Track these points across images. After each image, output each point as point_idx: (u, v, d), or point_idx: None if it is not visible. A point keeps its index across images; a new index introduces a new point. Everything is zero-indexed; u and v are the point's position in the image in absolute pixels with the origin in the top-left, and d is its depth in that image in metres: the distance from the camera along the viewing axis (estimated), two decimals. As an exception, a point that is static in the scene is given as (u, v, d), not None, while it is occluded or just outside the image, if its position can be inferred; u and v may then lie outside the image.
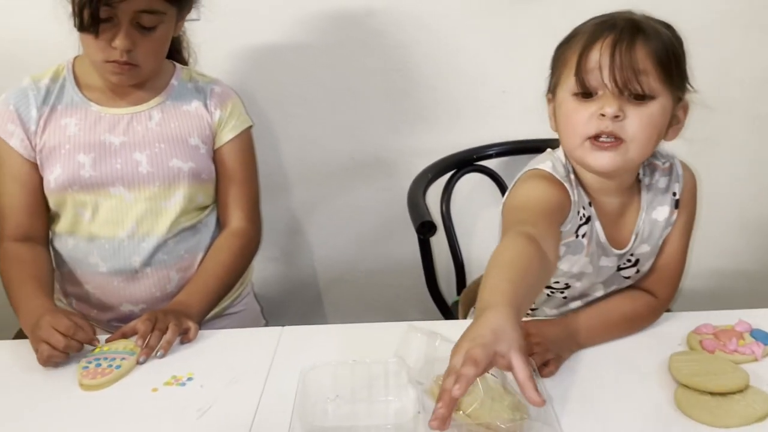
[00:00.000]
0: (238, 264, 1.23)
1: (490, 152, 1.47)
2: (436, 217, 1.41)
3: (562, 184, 0.95)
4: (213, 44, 1.52)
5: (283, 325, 1.07)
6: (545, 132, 1.04)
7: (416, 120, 1.65)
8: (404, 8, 1.54)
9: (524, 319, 0.98)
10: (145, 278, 1.18)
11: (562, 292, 1.06)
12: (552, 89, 0.99)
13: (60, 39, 1.18)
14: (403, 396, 0.86)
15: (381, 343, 0.91)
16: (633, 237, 1.01)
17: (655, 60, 0.88)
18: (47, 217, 1.19)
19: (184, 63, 1.30)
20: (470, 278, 1.50)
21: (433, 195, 1.47)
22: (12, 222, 1.16)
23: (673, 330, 1.01)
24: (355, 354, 0.94)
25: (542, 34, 1.04)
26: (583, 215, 0.98)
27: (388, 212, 1.71)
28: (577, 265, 1.00)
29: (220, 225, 1.27)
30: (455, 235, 1.48)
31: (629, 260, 1.03)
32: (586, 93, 0.90)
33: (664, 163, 1.03)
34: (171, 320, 1.01)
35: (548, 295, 1.08)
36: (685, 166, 1.05)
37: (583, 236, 0.98)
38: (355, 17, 1.56)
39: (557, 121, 0.97)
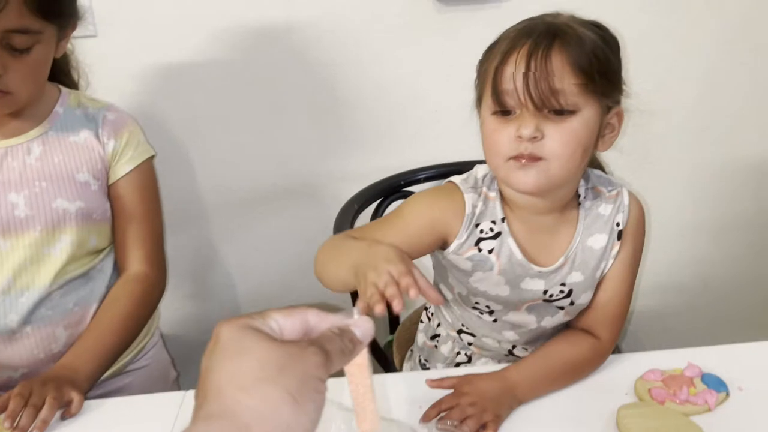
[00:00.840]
0: (138, 314, 1.08)
1: (420, 177, 1.37)
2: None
3: (461, 198, 0.91)
4: (113, 63, 1.37)
5: (189, 390, 0.93)
6: (480, 153, 0.94)
7: (344, 142, 1.54)
8: (328, 25, 1.43)
9: (458, 373, 0.89)
10: (25, 339, 1.02)
11: (491, 314, 0.98)
12: (478, 101, 0.92)
13: None
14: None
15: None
16: (562, 259, 0.93)
17: (575, 69, 0.81)
18: None
19: (74, 86, 1.15)
20: (404, 314, 1.39)
21: (363, 223, 1.35)
22: None
23: (620, 376, 0.92)
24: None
25: (476, 49, 0.94)
26: (491, 229, 0.92)
27: (317, 241, 1.57)
28: (488, 283, 0.94)
29: (118, 270, 1.12)
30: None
31: (561, 291, 0.95)
32: (504, 111, 0.84)
33: (610, 191, 0.96)
34: (49, 392, 0.86)
35: (477, 317, 1.00)
36: (632, 197, 0.97)
37: (490, 252, 0.92)
38: (275, 32, 1.44)
39: (481, 138, 0.90)
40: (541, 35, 0.82)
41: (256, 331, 0.45)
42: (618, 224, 0.94)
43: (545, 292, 0.95)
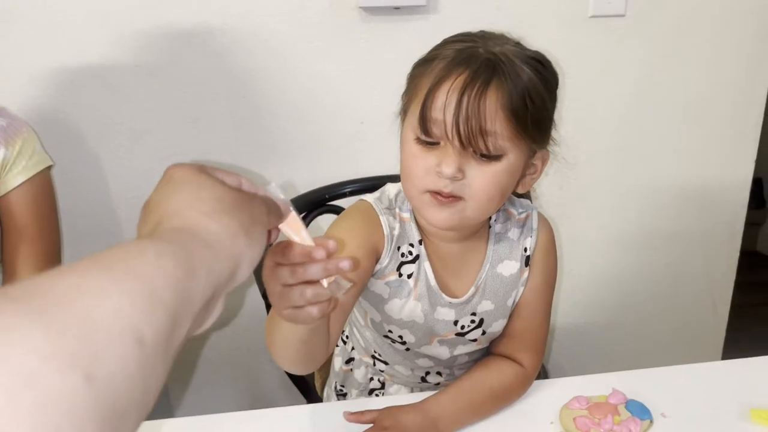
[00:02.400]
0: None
1: (344, 191, 1.31)
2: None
3: (377, 220, 0.87)
4: (7, 64, 1.26)
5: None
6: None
7: (267, 154, 1.46)
8: (249, 29, 1.36)
9: (375, 406, 0.84)
10: None
11: (402, 343, 0.94)
12: (403, 112, 0.86)
13: None
14: None
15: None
16: (473, 289, 0.90)
17: (509, 114, 0.76)
18: None
19: (-39, 88, 1.04)
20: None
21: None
22: None
23: (544, 404, 0.90)
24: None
25: (401, 60, 0.90)
26: (410, 252, 0.88)
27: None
28: (405, 310, 0.90)
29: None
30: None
31: (472, 320, 0.92)
32: (430, 142, 0.78)
33: (520, 213, 0.94)
34: None
35: (389, 345, 0.96)
36: (542, 219, 0.94)
37: (409, 276, 0.89)
38: (192, 35, 1.35)
39: (400, 155, 0.84)
40: (480, 67, 0.76)
41: (210, 175, 0.48)
42: (526, 249, 0.92)
43: (456, 322, 0.92)
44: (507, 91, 0.75)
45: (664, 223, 1.66)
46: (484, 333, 0.94)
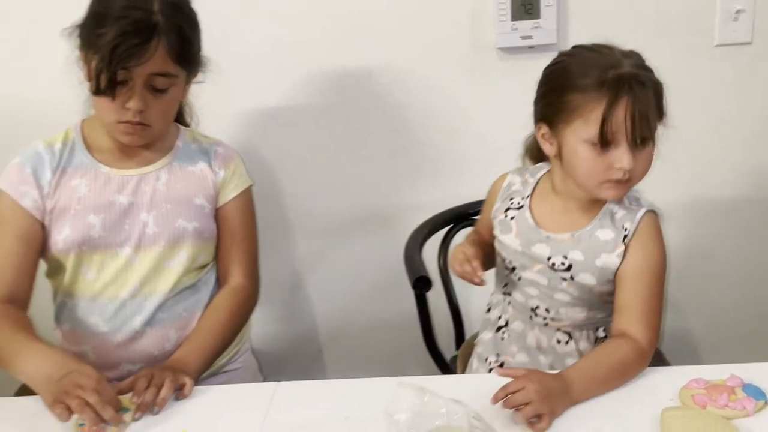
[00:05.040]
0: (235, 321, 1.24)
1: (484, 207, 1.50)
2: (434, 271, 1.43)
3: (505, 177, 1.25)
4: (216, 107, 1.58)
5: (281, 381, 1.08)
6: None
7: (415, 176, 1.69)
8: (404, 71, 1.60)
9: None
10: (145, 338, 1.20)
11: (512, 271, 1.20)
12: (547, 121, 1.10)
13: (65, 103, 1.23)
14: (392, 453, 0.86)
15: (374, 399, 0.91)
16: (569, 235, 1.13)
17: (656, 108, 1.04)
18: (33, 281, 1.19)
19: (186, 125, 1.35)
20: (469, 332, 1.51)
21: (431, 249, 1.49)
22: (0, 281, 1.14)
23: (665, 385, 1.01)
24: (349, 410, 0.95)
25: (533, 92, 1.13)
26: (518, 204, 1.19)
27: (387, 267, 1.73)
28: (509, 243, 1.18)
29: (219, 282, 1.30)
30: (453, 289, 1.49)
31: (563, 262, 1.12)
32: (605, 144, 1.03)
33: (631, 203, 1.13)
34: (167, 376, 1.03)
35: (507, 274, 1.21)
36: (650, 217, 1.11)
37: (512, 219, 1.18)
38: (356, 77, 1.62)
39: (566, 158, 1.08)
40: (636, 87, 1.01)
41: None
42: (625, 228, 1.10)
43: (549, 258, 1.13)
44: (653, 95, 1.03)
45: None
46: (572, 278, 1.12)
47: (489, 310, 1.30)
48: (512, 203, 1.20)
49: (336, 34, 1.59)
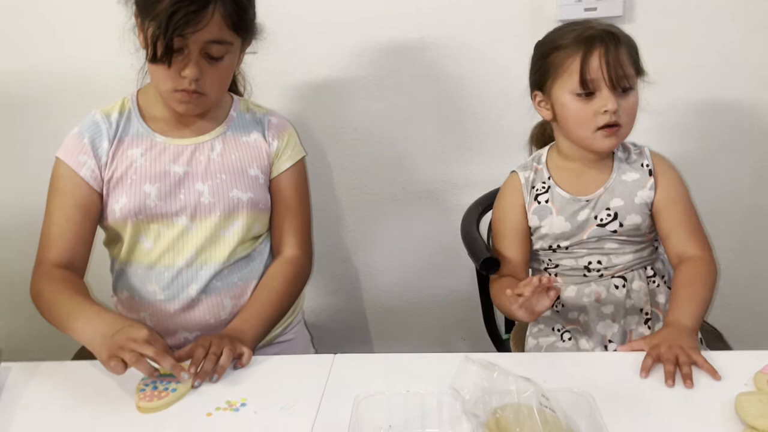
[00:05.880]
0: (290, 291, 1.24)
1: (541, 183, 1.46)
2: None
3: (516, 178, 1.26)
4: (268, 77, 1.57)
5: (333, 353, 1.07)
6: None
7: (467, 151, 1.65)
8: (458, 41, 1.56)
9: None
10: (201, 306, 1.20)
11: (554, 250, 1.24)
12: (539, 87, 1.20)
13: (122, 72, 1.23)
14: (457, 428, 0.84)
15: (433, 374, 0.90)
16: (602, 189, 1.20)
17: (631, 60, 1.14)
18: (90, 249, 1.21)
19: (240, 95, 1.34)
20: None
21: (482, 228, 1.46)
22: (59, 248, 1.15)
23: (739, 370, 0.97)
24: (407, 384, 0.93)
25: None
26: (543, 187, 1.24)
27: (436, 244, 1.71)
28: (554, 225, 1.21)
29: (273, 253, 1.29)
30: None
31: (608, 214, 1.19)
32: (588, 93, 1.12)
33: (635, 150, 1.24)
34: (225, 345, 1.02)
35: (552, 252, 1.24)
36: (654, 153, 1.23)
37: (547, 202, 1.22)
38: (408, 49, 1.58)
39: (559, 115, 1.18)
40: (608, 39, 1.11)
41: None
42: (646, 165, 1.21)
43: (596, 217, 1.19)
44: (628, 48, 1.13)
45: None
46: (621, 225, 1.19)
47: None
48: (537, 190, 1.24)
49: (390, 4, 1.55)
